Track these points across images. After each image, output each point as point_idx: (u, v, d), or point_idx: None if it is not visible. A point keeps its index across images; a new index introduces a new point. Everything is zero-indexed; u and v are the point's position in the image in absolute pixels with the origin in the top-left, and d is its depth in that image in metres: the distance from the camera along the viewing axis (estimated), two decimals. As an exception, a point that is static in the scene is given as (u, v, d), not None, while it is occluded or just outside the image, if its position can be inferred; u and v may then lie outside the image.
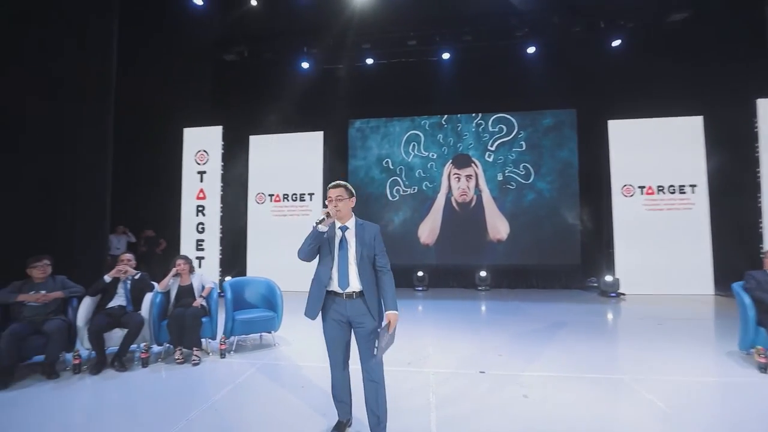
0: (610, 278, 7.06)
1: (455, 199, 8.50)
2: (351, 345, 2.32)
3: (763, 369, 3.27)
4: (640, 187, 7.35)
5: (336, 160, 8.65)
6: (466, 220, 8.41)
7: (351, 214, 2.30)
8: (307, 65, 8.49)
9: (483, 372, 3.38)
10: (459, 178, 8.50)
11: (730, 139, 6.85)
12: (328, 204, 2.24)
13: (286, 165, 8.20)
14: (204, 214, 7.71)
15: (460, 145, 8.56)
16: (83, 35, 5.34)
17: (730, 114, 6.75)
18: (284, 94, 8.46)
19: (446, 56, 8.23)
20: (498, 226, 8.33)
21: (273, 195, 8.26)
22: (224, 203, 7.77)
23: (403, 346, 4.00)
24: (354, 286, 2.21)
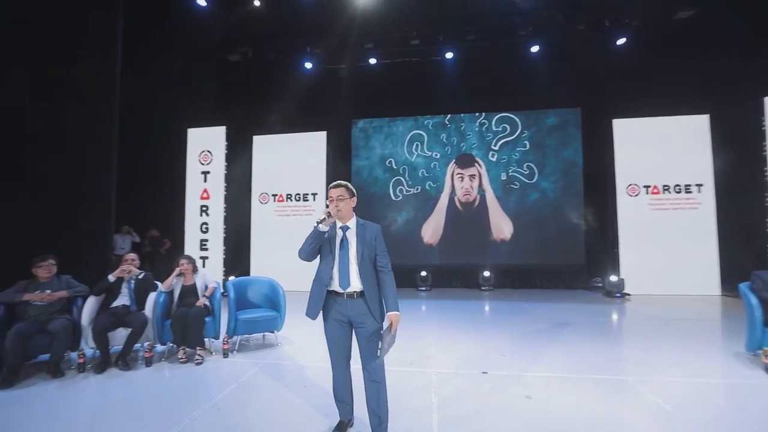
0: (615, 278, 7.00)
1: (458, 198, 8.47)
2: (352, 345, 2.32)
3: (770, 370, 3.23)
4: (646, 187, 7.29)
5: (339, 160, 8.64)
6: (470, 220, 8.38)
7: (352, 214, 2.31)
8: (310, 65, 8.51)
9: (486, 372, 3.37)
10: (462, 178, 8.47)
11: (737, 138, 6.78)
12: (329, 204, 2.25)
13: (289, 165, 8.22)
14: (208, 214, 7.75)
15: (463, 145, 8.53)
16: (88, 35, 5.37)
17: (737, 112, 6.68)
18: (287, 95, 8.48)
19: (449, 56, 8.22)
20: (501, 225, 8.29)
21: (276, 195, 8.28)
22: (228, 203, 7.80)
23: (406, 346, 4.00)
24: (355, 285, 2.21)
